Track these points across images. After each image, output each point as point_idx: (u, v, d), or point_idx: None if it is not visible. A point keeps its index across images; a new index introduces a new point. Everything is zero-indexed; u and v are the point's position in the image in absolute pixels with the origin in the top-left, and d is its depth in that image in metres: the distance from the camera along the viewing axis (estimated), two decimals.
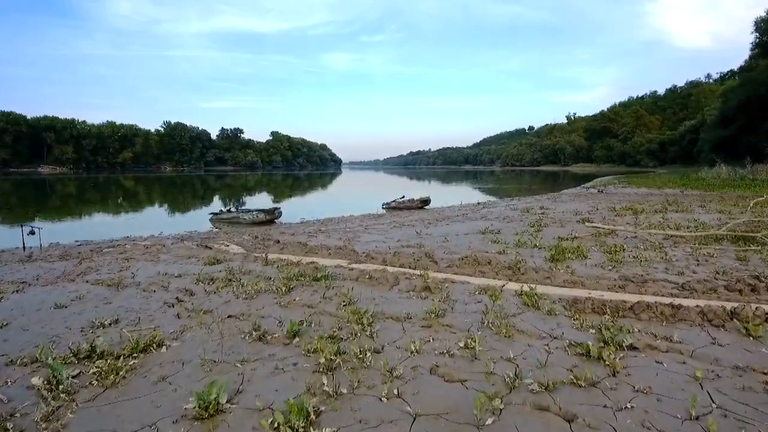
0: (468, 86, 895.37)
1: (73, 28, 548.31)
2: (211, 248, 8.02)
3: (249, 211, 15.66)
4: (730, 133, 46.25)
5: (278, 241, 8.18)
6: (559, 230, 8.70)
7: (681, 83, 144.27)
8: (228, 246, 8.21)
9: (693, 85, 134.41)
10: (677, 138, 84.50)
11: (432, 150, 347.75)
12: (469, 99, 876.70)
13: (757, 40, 45.99)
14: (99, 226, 17.01)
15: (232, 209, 16.45)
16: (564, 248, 6.29)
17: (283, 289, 4.56)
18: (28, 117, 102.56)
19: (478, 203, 20.39)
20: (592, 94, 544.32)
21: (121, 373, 2.76)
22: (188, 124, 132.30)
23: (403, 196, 20.35)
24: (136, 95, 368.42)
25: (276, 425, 2.14)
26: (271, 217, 15.25)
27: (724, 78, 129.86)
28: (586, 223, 7.94)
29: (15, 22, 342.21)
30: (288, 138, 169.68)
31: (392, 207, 19.64)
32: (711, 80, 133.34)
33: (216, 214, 16.21)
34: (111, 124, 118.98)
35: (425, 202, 19.74)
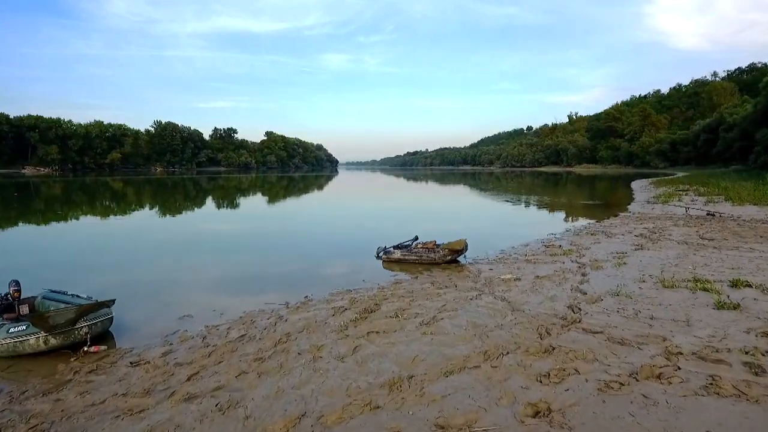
0: (465, 86, 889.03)
1: (70, 28, 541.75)
2: None
3: (46, 309, 5.46)
4: None
5: None
6: None
7: (674, 83, 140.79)
8: None
9: (699, 84, 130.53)
10: (691, 138, 79.74)
11: (429, 150, 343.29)
12: (466, 99, 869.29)
13: None
14: None
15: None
16: None
17: None
18: (11, 116, 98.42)
19: (550, 246, 10.61)
20: (589, 94, 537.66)
21: None
22: (180, 124, 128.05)
23: (416, 237, 10.31)
24: (130, 95, 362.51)
25: None
26: (65, 340, 4.90)
27: (732, 75, 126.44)
28: None
29: (8, 20, 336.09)
30: (283, 138, 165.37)
31: (395, 259, 9.67)
32: (717, 78, 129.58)
33: None
34: (98, 124, 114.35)
35: (458, 251, 9.42)
